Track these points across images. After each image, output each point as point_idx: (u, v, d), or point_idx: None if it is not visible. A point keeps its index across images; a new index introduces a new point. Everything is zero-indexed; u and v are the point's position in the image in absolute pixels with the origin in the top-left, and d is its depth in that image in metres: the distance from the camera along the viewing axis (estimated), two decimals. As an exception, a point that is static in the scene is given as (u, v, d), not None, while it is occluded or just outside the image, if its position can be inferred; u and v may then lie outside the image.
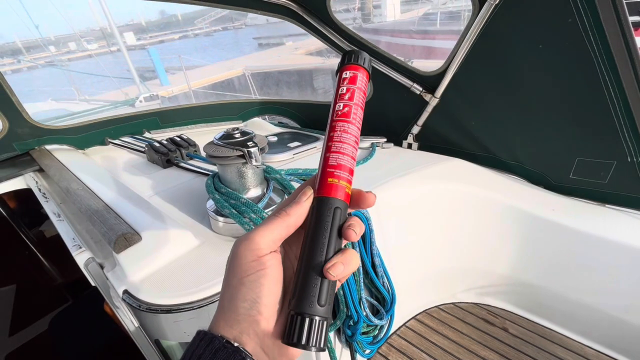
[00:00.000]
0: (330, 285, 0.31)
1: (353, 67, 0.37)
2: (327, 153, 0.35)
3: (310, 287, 0.31)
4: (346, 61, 0.37)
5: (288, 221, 0.33)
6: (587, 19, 0.82)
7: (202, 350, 0.29)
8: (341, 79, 0.37)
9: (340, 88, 0.36)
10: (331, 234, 0.33)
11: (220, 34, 36.14)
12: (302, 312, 0.30)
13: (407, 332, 1.21)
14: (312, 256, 0.32)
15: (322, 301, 0.30)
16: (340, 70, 0.37)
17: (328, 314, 0.31)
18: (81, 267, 0.78)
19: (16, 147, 1.36)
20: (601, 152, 1.02)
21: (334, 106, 0.36)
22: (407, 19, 14.83)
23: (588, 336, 1.13)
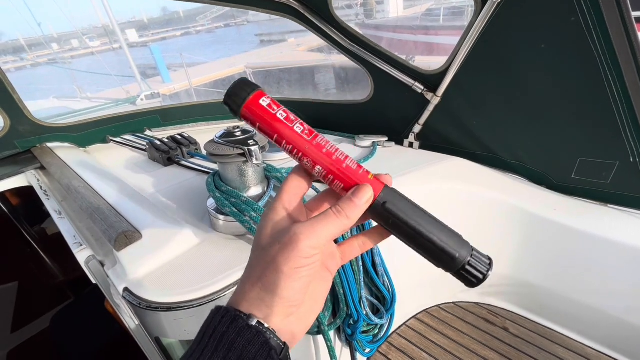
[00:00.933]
0: (449, 234, 0.34)
1: (260, 92, 0.34)
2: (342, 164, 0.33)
3: (443, 249, 0.34)
4: (251, 89, 0.33)
5: (344, 223, 0.32)
6: (590, 18, 0.81)
7: (225, 327, 0.29)
8: (265, 109, 0.33)
9: (277, 114, 0.33)
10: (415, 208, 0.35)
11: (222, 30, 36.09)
12: (460, 266, 0.34)
13: (407, 331, 1.21)
14: (424, 232, 0.34)
15: (457, 248, 0.34)
16: (251, 104, 0.33)
17: (467, 247, 0.35)
18: (82, 264, 0.78)
19: (18, 145, 1.37)
20: (604, 152, 1.01)
21: (292, 136, 0.33)
22: (410, 14, 14.74)
23: (589, 336, 1.13)
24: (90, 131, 1.52)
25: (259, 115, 0.33)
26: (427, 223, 0.34)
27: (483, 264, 0.34)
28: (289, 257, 0.31)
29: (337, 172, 0.33)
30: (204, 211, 0.96)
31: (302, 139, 0.33)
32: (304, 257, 0.31)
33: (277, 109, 0.33)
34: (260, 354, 0.29)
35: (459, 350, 1.14)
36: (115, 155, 1.47)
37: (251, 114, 0.33)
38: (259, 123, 0.33)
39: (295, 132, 0.33)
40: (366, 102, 1.48)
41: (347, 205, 0.33)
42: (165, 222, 0.85)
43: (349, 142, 1.49)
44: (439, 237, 0.33)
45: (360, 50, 1.30)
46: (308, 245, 0.31)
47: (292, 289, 0.31)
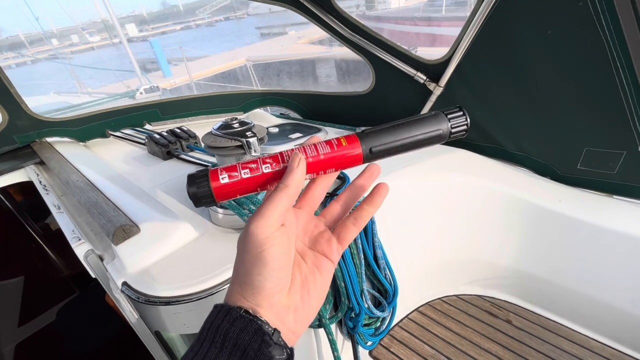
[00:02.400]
0: (426, 121, 0.39)
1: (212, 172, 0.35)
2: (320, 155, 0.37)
3: (430, 132, 0.39)
4: (204, 174, 0.35)
5: (289, 192, 0.34)
6: (599, 2, 0.79)
7: (220, 320, 0.31)
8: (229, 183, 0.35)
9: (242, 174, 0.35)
10: None
11: (222, 23, 35.79)
12: (449, 132, 0.39)
13: (409, 324, 1.21)
14: None
15: (436, 125, 0.39)
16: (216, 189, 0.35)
17: (442, 118, 0.39)
18: (81, 259, 0.78)
19: (17, 140, 1.36)
20: (610, 141, 0.99)
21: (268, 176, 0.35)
22: (412, 5, 14.54)
23: (593, 329, 1.12)
24: (89, 125, 1.51)
25: (231, 190, 0.35)
26: (408, 131, 0.37)
27: (460, 119, 0.38)
28: (246, 245, 0.32)
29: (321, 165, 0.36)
30: (203, 205, 0.95)
31: (277, 173, 0.35)
32: (259, 238, 0.32)
33: (238, 173, 0.34)
34: (255, 339, 0.30)
35: (462, 343, 1.14)
36: (114, 150, 1.46)
37: (226, 195, 0.35)
38: (238, 194, 0.35)
39: (266, 174, 0.35)
40: (367, 93, 1.46)
41: (287, 176, 0.34)
42: (164, 216, 0.84)
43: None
44: (422, 132, 0.37)
45: (362, 40, 1.27)
46: (257, 225, 0.32)
47: (261, 277, 0.32)
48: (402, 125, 0.38)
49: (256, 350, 0.29)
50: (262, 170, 0.35)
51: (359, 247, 0.90)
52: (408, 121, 0.38)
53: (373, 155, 0.38)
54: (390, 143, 0.37)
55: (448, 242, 1.25)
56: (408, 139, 0.37)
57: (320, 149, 0.37)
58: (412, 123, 0.38)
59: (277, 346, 0.30)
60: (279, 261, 0.32)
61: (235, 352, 0.29)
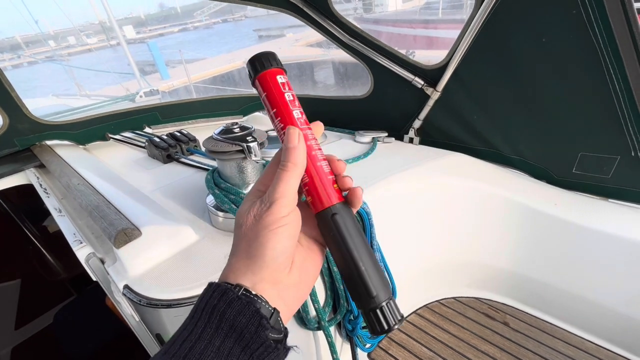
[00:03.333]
0: (378, 273, 0.34)
1: (282, 71, 0.36)
2: (317, 162, 0.35)
3: (365, 283, 0.33)
4: (275, 65, 0.35)
5: (298, 171, 0.34)
6: (592, 10, 0.81)
7: (216, 300, 0.30)
8: (278, 85, 0.35)
9: (285, 95, 0.35)
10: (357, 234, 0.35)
11: (220, 26, 35.84)
12: (374, 307, 0.33)
13: (407, 327, 1.22)
14: (351, 255, 0.34)
15: (379, 289, 0.33)
16: (267, 75, 0.35)
17: (388, 293, 0.34)
18: (82, 262, 0.78)
19: (17, 143, 1.36)
20: (605, 146, 1.01)
21: (289, 117, 0.35)
22: (409, 8, 14.63)
23: (589, 330, 1.13)
24: (89, 129, 1.51)
25: (269, 88, 0.35)
26: (364, 252, 0.34)
27: (394, 316, 0.34)
28: (266, 220, 0.32)
29: (309, 167, 0.35)
30: (203, 208, 0.96)
31: (294, 124, 0.34)
32: (279, 216, 0.32)
33: (287, 90, 0.35)
34: (252, 322, 0.30)
35: (460, 345, 1.15)
36: (114, 153, 1.47)
37: (264, 83, 0.35)
38: (267, 94, 0.35)
39: (292, 115, 0.35)
40: (366, 97, 1.47)
41: (286, 155, 0.34)
42: (165, 219, 0.85)
43: (349, 138, 1.48)
44: (367, 270, 0.33)
45: (360, 45, 1.28)
46: (279, 204, 0.32)
47: (275, 250, 0.32)
48: (367, 248, 0.35)
49: (253, 333, 0.29)
50: (293, 110, 0.35)
51: (358, 250, 0.91)
52: (372, 255, 0.35)
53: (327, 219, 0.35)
54: (347, 234, 0.34)
55: (445, 245, 1.26)
56: (356, 253, 0.34)
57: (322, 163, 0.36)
58: (373, 258, 0.35)
59: (274, 328, 0.31)
60: (292, 239, 0.33)
61: (232, 334, 0.29)
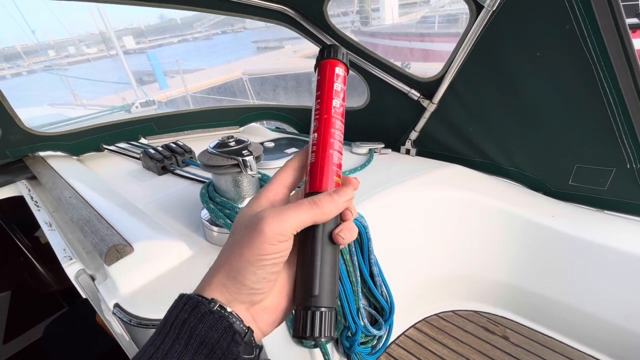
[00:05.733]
0: (332, 279, 0.32)
1: (343, 66, 0.38)
2: (329, 149, 0.34)
3: (313, 278, 0.31)
4: (339, 57, 0.37)
5: (317, 216, 0.31)
6: (585, 26, 0.82)
7: (186, 314, 0.29)
8: (334, 74, 0.37)
9: (335, 84, 0.36)
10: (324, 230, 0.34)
11: (219, 37, 36.26)
12: (308, 305, 0.31)
13: (406, 342, 1.19)
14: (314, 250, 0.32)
15: (324, 292, 0.31)
16: (328, 64, 0.37)
17: (332, 303, 0.32)
18: (71, 279, 0.76)
19: (9, 154, 1.35)
20: (600, 158, 1.01)
21: (328, 101, 0.36)
22: (406, 22, 14.90)
23: (589, 344, 1.11)
24: (83, 140, 1.50)
25: (324, 75, 0.37)
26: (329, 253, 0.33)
27: (326, 328, 0.31)
28: (252, 242, 0.30)
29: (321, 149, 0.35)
30: (198, 221, 0.94)
31: (329, 109, 0.35)
32: (268, 244, 0.29)
33: (338, 82, 0.37)
34: (224, 338, 0.28)
35: (459, 360, 1.12)
36: (109, 164, 1.45)
37: (323, 70, 0.37)
38: (320, 77, 0.37)
39: (331, 101, 0.36)
40: (362, 109, 1.48)
41: (325, 199, 0.32)
42: (158, 234, 0.83)
43: (346, 149, 1.48)
44: (322, 268, 0.32)
45: (356, 57, 1.29)
46: (273, 230, 0.29)
47: (255, 277, 0.30)
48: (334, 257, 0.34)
49: (224, 349, 0.28)
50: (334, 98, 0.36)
51: (355, 265, 0.90)
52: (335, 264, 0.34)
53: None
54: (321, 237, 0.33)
55: (443, 257, 1.25)
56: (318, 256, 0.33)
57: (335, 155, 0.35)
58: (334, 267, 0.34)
59: (247, 345, 0.29)
60: (276, 267, 0.31)
61: (202, 350, 0.28)
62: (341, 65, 0.37)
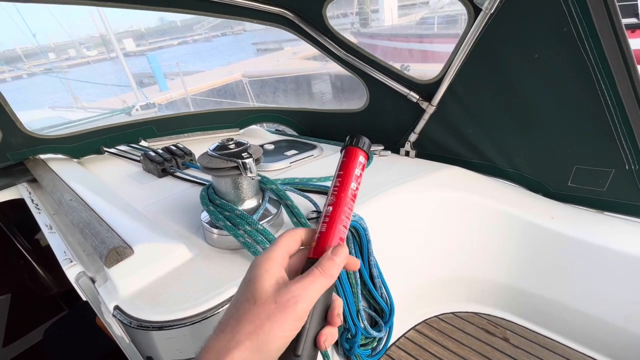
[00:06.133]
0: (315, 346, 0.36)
1: (365, 155, 0.44)
2: (339, 224, 0.40)
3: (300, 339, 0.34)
4: (364, 147, 0.43)
5: (329, 282, 0.36)
6: (582, 28, 0.82)
7: None
8: (358, 162, 0.43)
9: (356, 170, 0.43)
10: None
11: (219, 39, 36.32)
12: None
13: (406, 343, 1.19)
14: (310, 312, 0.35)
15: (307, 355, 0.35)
16: (354, 151, 0.43)
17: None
18: (72, 281, 0.77)
19: (10, 157, 1.35)
20: (599, 160, 1.01)
21: (348, 183, 0.42)
22: (405, 23, 14.91)
23: (589, 346, 1.11)
24: (83, 142, 1.50)
25: (349, 159, 0.43)
26: (319, 316, 0.36)
27: None
28: (286, 319, 0.32)
29: (332, 222, 0.40)
30: (198, 224, 0.95)
31: (346, 190, 0.42)
32: (298, 320, 0.33)
33: (357, 169, 0.43)
34: None
35: (459, 362, 1.12)
36: (109, 167, 1.46)
37: (348, 154, 0.43)
38: (345, 160, 0.43)
39: (349, 184, 0.42)
40: (362, 111, 1.48)
41: (329, 264, 0.36)
42: (158, 236, 0.83)
43: (345, 151, 1.48)
44: (309, 331, 0.35)
45: (355, 60, 1.30)
46: (303, 308, 0.33)
47: (278, 351, 0.33)
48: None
49: None
50: (350, 182, 0.42)
51: (355, 266, 0.90)
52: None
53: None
54: None
55: (443, 259, 1.25)
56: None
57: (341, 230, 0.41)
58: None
59: None
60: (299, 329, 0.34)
61: None
62: (364, 155, 0.43)
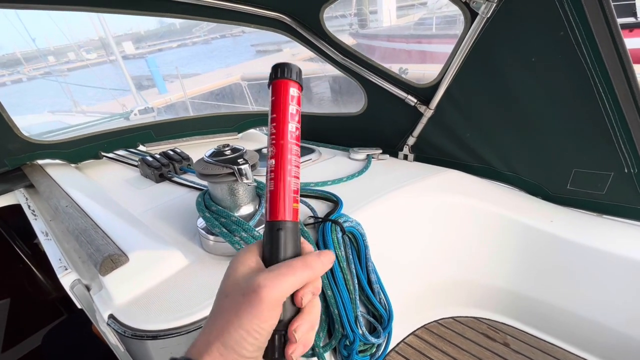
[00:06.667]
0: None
1: (297, 85, 0.37)
2: (287, 176, 0.36)
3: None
4: (292, 76, 0.36)
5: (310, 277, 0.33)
6: (579, 32, 0.82)
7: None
8: (290, 97, 0.36)
9: (290, 107, 0.36)
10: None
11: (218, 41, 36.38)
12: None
13: (405, 349, 1.18)
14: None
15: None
16: (281, 84, 0.36)
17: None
18: (67, 289, 0.76)
19: (7, 163, 1.35)
20: (598, 163, 1.01)
21: (284, 126, 0.36)
22: (403, 24, 14.94)
23: (590, 351, 1.10)
24: (81, 147, 1.50)
25: (278, 95, 0.36)
26: None
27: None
28: (252, 313, 0.30)
29: (279, 177, 0.36)
30: (194, 229, 0.94)
31: (284, 134, 0.36)
32: (268, 311, 0.30)
33: (292, 104, 0.36)
34: None
35: (459, 367, 1.12)
36: (107, 172, 1.45)
37: (276, 89, 0.36)
38: (274, 99, 0.36)
39: (286, 126, 0.36)
40: (360, 114, 1.48)
41: (314, 259, 0.34)
42: (154, 242, 0.83)
43: (343, 155, 1.48)
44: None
45: (353, 64, 1.30)
46: (272, 297, 0.30)
47: (252, 347, 0.30)
48: None
49: None
50: (289, 123, 0.36)
51: (353, 272, 0.90)
52: None
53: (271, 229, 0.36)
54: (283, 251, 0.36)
55: (442, 263, 1.25)
56: None
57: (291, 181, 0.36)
58: None
59: None
60: (271, 329, 0.31)
61: None
62: (295, 85, 0.37)
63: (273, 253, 0.35)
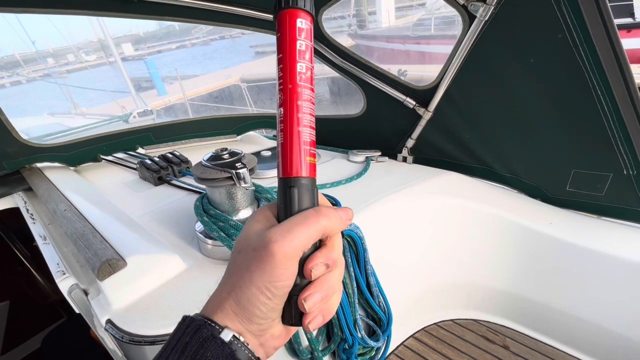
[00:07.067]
0: None
1: (308, 16, 0.31)
2: (298, 126, 0.31)
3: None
4: (300, 4, 0.30)
5: (326, 229, 0.30)
6: (577, 35, 0.82)
7: (188, 337, 0.28)
8: (295, 29, 0.30)
9: (299, 42, 0.30)
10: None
11: (218, 42, 36.40)
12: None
13: (405, 352, 1.18)
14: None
15: None
16: (287, 15, 0.30)
17: None
18: (64, 294, 0.76)
19: (6, 166, 1.34)
20: (597, 164, 1.01)
21: (292, 66, 0.30)
22: (402, 24, 14.95)
23: (590, 353, 1.10)
24: (80, 150, 1.50)
25: (284, 29, 0.30)
26: None
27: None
28: (262, 269, 0.28)
29: (289, 127, 0.31)
30: (192, 233, 0.94)
31: (293, 77, 0.30)
32: (280, 268, 0.28)
33: (300, 39, 0.30)
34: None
35: (459, 370, 1.11)
36: (106, 175, 1.45)
37: (281, 23, 0.30)
38: (280, 35, 0.30)
39: (294, 65, 0.30)
40: (359, 117, 1.48)
41: (330, 210, 0.31)
42: (152, 246, 0.82)
43: (342, 157, 1.48)
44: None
45: (351, 66, 1.30)
46: (284, 252, 0.28)
47: (265, 307, 0.29)
48: None
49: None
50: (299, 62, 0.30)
51: (352, 276, 0.89)
52: None
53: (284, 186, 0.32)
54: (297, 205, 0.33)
55: (441, 266, 1.24)
56: None
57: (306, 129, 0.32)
58: None
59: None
60: (286, 289, 0.29)
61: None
62: (304, 15, 0.30)
63: (287, 212, 0.31)
